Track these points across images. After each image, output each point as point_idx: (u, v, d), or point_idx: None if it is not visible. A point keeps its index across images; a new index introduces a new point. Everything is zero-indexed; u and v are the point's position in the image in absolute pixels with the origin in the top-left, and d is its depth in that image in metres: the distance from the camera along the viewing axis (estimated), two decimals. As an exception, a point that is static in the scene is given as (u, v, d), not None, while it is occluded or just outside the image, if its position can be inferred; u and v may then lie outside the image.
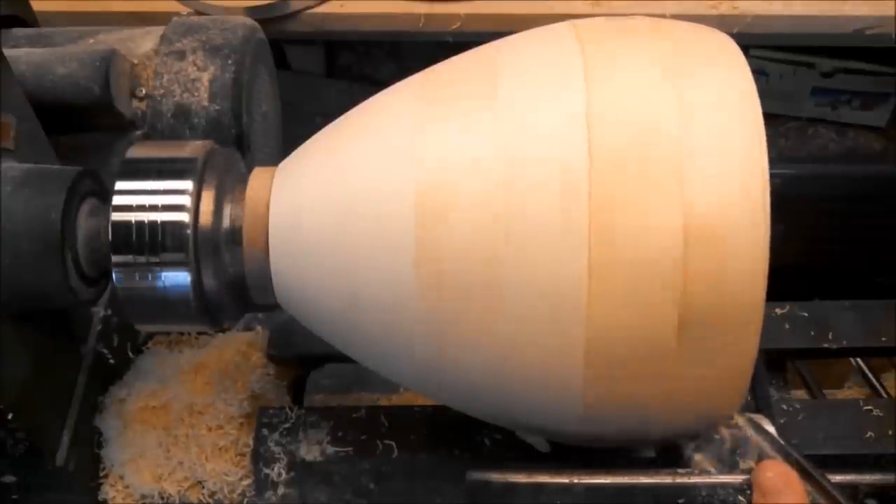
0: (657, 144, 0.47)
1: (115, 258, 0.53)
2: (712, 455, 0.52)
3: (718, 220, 0.46)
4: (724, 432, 0.52)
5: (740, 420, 0.51)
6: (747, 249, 0.46)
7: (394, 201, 0.50)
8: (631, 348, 0.48)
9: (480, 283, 0.48)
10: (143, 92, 0.69)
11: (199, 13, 1.15)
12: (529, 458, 0.61)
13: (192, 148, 0.56)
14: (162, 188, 0.54)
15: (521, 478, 0.53)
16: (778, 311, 0.71)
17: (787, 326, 0.71)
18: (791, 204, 0.51)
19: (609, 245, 0.46)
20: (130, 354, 0.72)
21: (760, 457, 0.51)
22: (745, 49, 0.51)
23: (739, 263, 0.46)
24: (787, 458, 0.50)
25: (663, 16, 0.56)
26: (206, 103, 0.68)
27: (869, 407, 0.66)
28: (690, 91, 0.48)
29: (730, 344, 0.48)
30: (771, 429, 0.51)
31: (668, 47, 0.50)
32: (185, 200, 0.53)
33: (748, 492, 0.51)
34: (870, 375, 0.85)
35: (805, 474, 0.49)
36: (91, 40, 0.73)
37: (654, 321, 0.47)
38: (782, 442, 0.51)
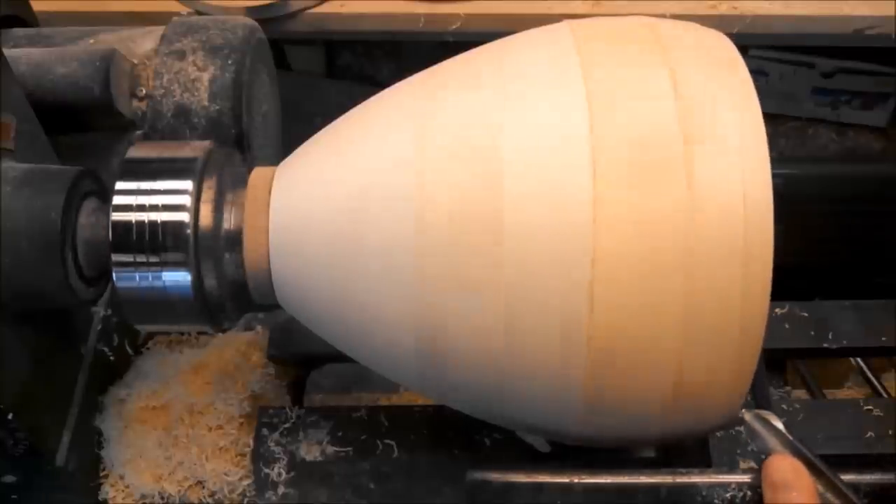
0: (658, 143, 0.47)
1: (115, 258, 0.53)
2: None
3: (722, 218, 0.46)
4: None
5: (747, 416, 0.51)
6: (751, 248, 0.46)
7: (394, 201, 0.50)
8: (633, 345, 0.48)
9: (482, 277, 0.48)
10: (143, 92, 0.69)
11: (199, 13, 1.15)
12: (529, 458, 0.61)
13: (192, 148, 0.56)
14: (162, 188, 0.54)
15: (521, 478, 0.53)
16: (778, 311, 0.71)
17: (787, 326, 0.71)
18: (791, 204, 0.51)
19: (613, 243, 0.46)
20: (130, 354, 0.72)
21: (768, 452, 0.50)
22: (745, 49, 0.51)
23: (743, 262, 0.46)
24: (796, 454, 0.49)
25: (663, 16, 0.56)
26: (206, 103, 0.68)
27: (869, 407, 0.66)
28: (688, 91, 0.48)
29: (734, 341, 0.48)
30: (779, 424, 0.51)
31: (664, 47, 0.50)
32: (186, 200, 0.53)
33: (748, 492, 0.51)
34: (870, 375, 0.85)
35: (814, 470, 0.49)
36: (91, 40, 0.72)
37: (657, 319, 0.47)
38: (790, 437, 0.50)
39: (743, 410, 0.51)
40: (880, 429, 0.64)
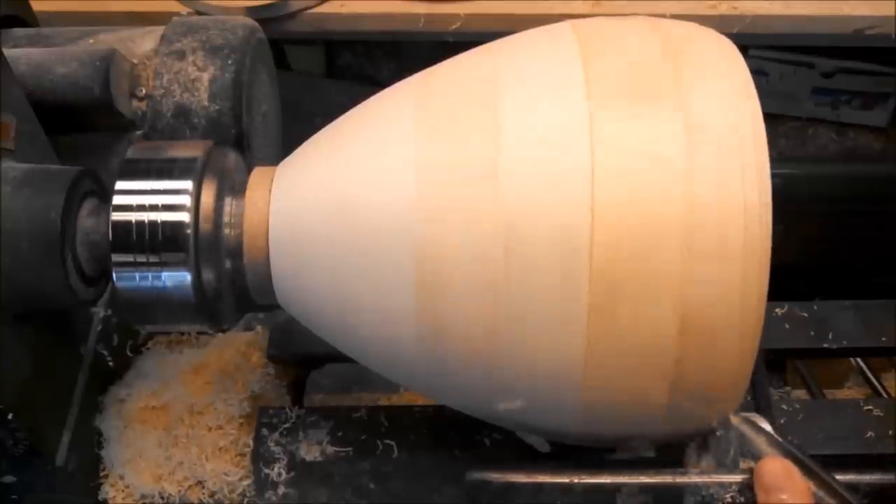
0: (660, 141, 0.47)
1: (115, 258, 0.53)
2: (715, 457, 0.52)
3: (719, 217, 0.46)
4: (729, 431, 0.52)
5: (735, 420, 0.51)
6: (747, 248, 0.46)
7: (393, 200, 0.50)
8: (632, 342, 0.48)
9: (480, 278, 0.48)
10: (143, 92, 0.69)
11: (199, 13, 1.15)
12: (529, 458, 0.61)
13: (192, 148, 0.56)
14: (162, 188, 0.54)
15: (520, 478, 0.53)
16: (778, 311, 0.71)
17: (787, 326, 0.71)
18: (791, 204, 0.51)
19: (612, 249, 0.46)
20: (130, 354, 0.72)
21: (758, 456, 0.50)
22: (745, 49, 0.51)
23: (739, 264, 0.46)
24: (787, 455, 0.50)
25: (664, 16, 0.56)
26: (206, 103, 0.68)
27: (869, 407, 0.66)
28: (689, 91, 0.48)
29: (729, 347, 0.48)
30: (767, 427, 0.51)
31: (666, 47, 0.50)
32: (186, 200, 0.53)
33: (748, 493, 0.51)
34: (870, 375, 0.85)
35: (806, 470, 0.49)
36: (91, 40, 0.72)
37: (654, 324, 0.47)
38: (780, 439, 0.50)
39: (731, 415, 0.51)
40: (880, 429, 0.64)
